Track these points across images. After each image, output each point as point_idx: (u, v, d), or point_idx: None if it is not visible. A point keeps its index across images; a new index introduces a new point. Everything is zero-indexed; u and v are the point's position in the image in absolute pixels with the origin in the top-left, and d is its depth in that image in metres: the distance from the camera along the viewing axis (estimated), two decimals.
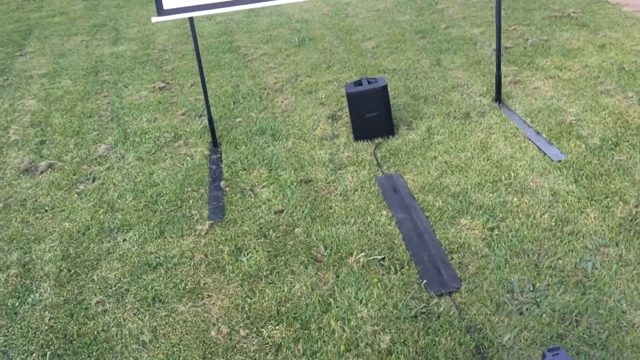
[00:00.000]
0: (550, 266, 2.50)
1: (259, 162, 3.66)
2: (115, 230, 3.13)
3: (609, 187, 2.96)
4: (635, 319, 2.19)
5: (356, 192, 3.23)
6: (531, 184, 3.08)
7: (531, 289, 2.40)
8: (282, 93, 4.70)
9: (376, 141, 3.73)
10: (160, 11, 3.51)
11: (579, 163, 3.19)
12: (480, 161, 3.35)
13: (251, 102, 4.59)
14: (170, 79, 5.34)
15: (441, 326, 2.28)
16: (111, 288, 2.71)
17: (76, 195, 3.53)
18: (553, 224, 2.75)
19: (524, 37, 5.22)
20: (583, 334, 2.17)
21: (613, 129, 3.49)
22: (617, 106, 3.74)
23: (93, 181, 3.67)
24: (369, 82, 3.79)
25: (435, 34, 5.63)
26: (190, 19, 3.66)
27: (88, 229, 3.17)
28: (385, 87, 3.73)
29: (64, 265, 2.91)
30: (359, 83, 3.82)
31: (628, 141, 3.33)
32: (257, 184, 3.43)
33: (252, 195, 3.33)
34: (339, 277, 2.61)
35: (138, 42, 6.61)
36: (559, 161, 3.23)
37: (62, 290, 2.74)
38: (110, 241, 3.05)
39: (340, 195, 3.23)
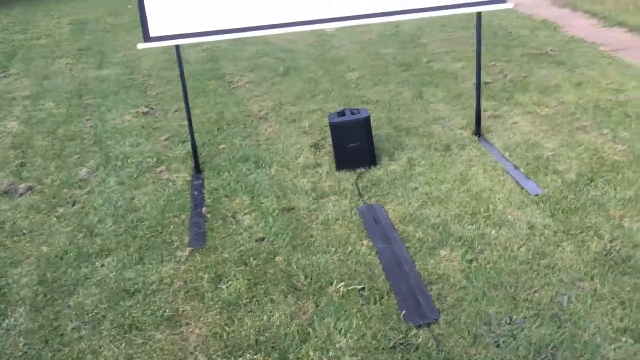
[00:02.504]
0: (527, 299, 2.53)
1: (242, 189, 3.67)
2: (94, 255, 3.11)
3: (584, 221, 3.02)
4: (610, 354, 2.22)
5: (337, 222, 3.25)
6: (509, 217, 3.13)
7: (508, 321, 2.43)
8: (266, 121, 4.74)
9: (358, 171, 3.77)
10: (147, 38, 3.55)
11: (555, 197, 3.26)
12: (460, 193, 3.40)
13: (235, 129, 4.62)
14: (154, 104, 5.35)
15: (419, 358, 2.29)
16: (88, 314, 2.67)
17: (55, 218, 3.50)
18: (530, 257, 2.79)
19: (503, 73, 5.34)
20: None
21: (588, 164, 3.57)
22: (592, 142, 3.84)
23: (73, 205, 3.65)
24: (352, 113, 3.85)
25: (418, 67, 5.74)
26: (177, 46, 3.70)
27: (66, 254, 3.13)
28: (367, 119, 3.79)
29: (40, 290, 2.87)
30: (342, 113, 3.87)
31: (603, 177, 3.41)
32: (239, 211, 3.44)
33: (234, 222, 3.33)
34: (318, 306, 2.61)
35: (123, 67, 6.64)
36: (536, 195, 3.29)
37: (37, 315, 2.70)
38: (88, 266, 3.02)
39: (321, 224, 3.25)
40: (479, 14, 3.91)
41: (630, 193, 3.23)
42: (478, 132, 4.12)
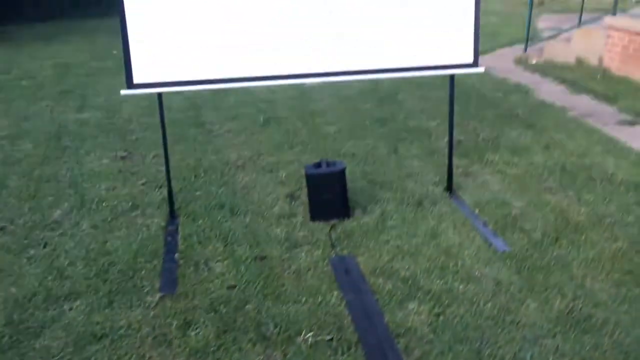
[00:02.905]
0: (491, 355, 2.58)
1: (215, 237, 3.70)
2: (63, 298, 3.08)
3: (548, 280, 3.10)
4: None
5: (309, 272, 3.29)
6: (476, 272, 3.20)
7: None
8: (243, 170, 4.81)
9: (332, 222, 3.83)
10: (130, 85, 3.64)
11: (521, 255, 3.35)
12: (430, 248, 3.48)
13: (212, 177, 4.68)
14: (133, 148, 5.40)
15: None
16: (53, 358, 2.64)
17: (26, 260, 3.48)
18: (495, 312, 2.86)
19: (476, 132, 5.53)
20: None
21: (554, 224, 3.69)
22: (558, 203, 3.97)
23: (44, 247, 3.63)
24: (328, 165, 3.94)
25: (394, 124, 5.91)
26: (159, 94, 3.79)
27: (35, 295, 3.11)
28: (343, 171, 3.88)
29: (6, 331, 2.83)
30: (318, 165, 3.96)
31: (567, 237, 3.52)
32: (211, 258, 3.46)
33: (206, 269, 3.35)
34: (286, 356, 2.62)
35: (104, 111, 6.70)
36: (503, 252, 3.38)
37: (2, 357, 2.66)
38: (56, 309, 3.00)
39: (293, 273, 3.28)
40: (452, 77, 4.08)
41: (592, 254, 3.34)
42: (450, 188, 4.24)
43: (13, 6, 14.17)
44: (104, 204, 4.21)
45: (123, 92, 3.69)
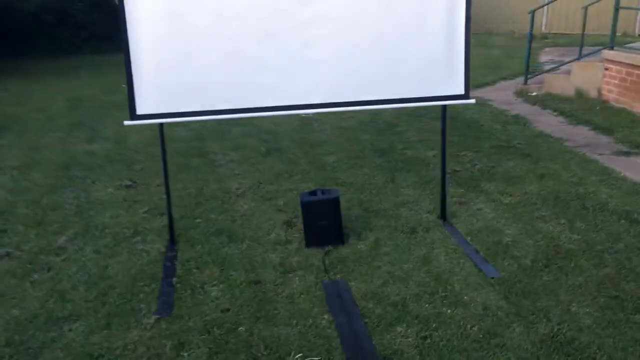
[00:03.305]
0: None
1: (213, 262, 3.80)
2: (63, 320, 3.19)
3: (535, 305, 3.17)
4: None
5: (302, 296, 3.38)
6: (465, 297, 3.28)
7: None
8: (243, 198, 4.94)
9: (326, 248, 3.93)
10: (133, 116, 3.80)
11: (510, 281, 3.42)
12: (420, 273, 3.56)
13: (213, 205, 4.80)
14: (138, 178, 5.56)
15: None
16: None
17: (29, 283, 3.60)
18: (481, 336, 2.92)
19: (472, 163, 5.64)
20: None
21: (545, 251, 3.76)
22: (550, 231, 4.05)
23: (48, 271, 3.75)
24: (323, 193, 4.06)
25: (393, 154, 6.04)
26: (161, 125, 3.95)
27: (36, 317, 3.22)
28: (337, 199, 4.00)
29: (6, 351, 2.93)
30: (313, 193, 4.08)
31: (557, 264, 3.59)
32: (208, 282, 3.56)
33: (202, 292, 3.45)
34: None
35: (112, 142, 6.89)
36: (493, 278, 3.46)
37: None
38: (56, 330, 3.10)
39: (286, 297, 3.37)
40: (444, 107, 4.22)
41: (580, 280, 3.40)
42: (443, 216, 4.34)
43: (29, 41, 14.61)
44: (107, 231, 4.34)
45: (126, 122, 3.85)
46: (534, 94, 8.82)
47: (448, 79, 4.08)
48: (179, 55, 3.77)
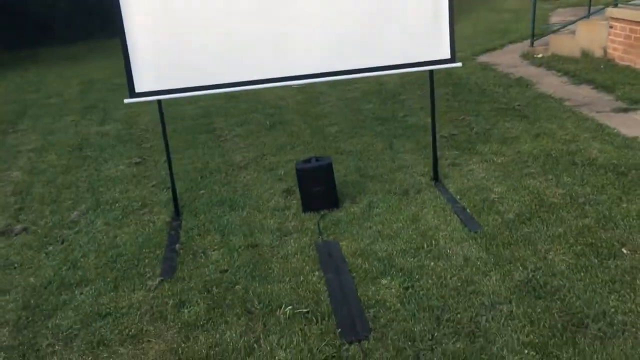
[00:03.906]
0: (450, 319, 2.83)
1: (214, 229, 4.04)
2: (74, 285, 3.46)
3: (513, 254, 3.34)
4: None
5: (296, 256, 3.59)
6: (448, 251, 3.46)
7: (430, 338, 2.72)
8: (246, 170, 5.16)
9: (322, 213, 4.13)
10: (132, 93, 4.02)
11: (492, 234, 3.58)
12: (409, 231, 3.74)
13: (217, 177, 5.03)
14: (147, 155, 5.81)
15: None
16: (62, 333, 3.01)
17: (44, 254, 3.88)
18: (459, 284, 3.11)
19: (470, 126, 5.75)
20: None
21: (529, 206, 3.91)
22: (537, 187, 4.18)
23: (62, 243, 4.03)
24: (317, 160, 4.25)
25: (393, 122, 6.18)
26: (159, 101, 4.16)
27: (50, 284, 3.50)
28: (330, 165, 4.18)
29: (23, 314, 3.22)
30: (308, 161, 4.27)
31: (539, 216, 3.74)
32: (209, 247, 3.80)
33: (203, 257, 3.69)
34: (266, 326, 2.93)
35: (123, 123, 7.16)
36: (476, 232, 3.62)
37: (18, 334, 3.04)
38: (68, 294, 3.38)
39: (281, 258, 3.59)
40: (431, 72, 4.34)
41: (560, 230, 3.55)
42: (436, 178, 4.49)
43: (44, 29, 14.94)
44: (116, 205, 4.60)
45: (126, 100, 4.07)
46: (540, 55, 8.82)
47: (434, 44, 4.19)
48: (172, 34, 3.96)
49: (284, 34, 4.06)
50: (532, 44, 9.44)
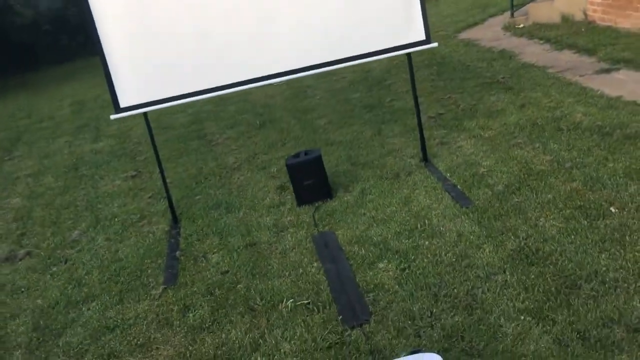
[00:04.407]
0: (447, 294, 2.90)
1: (212, 233, 4.11)
2: (81, 302, 3.54)
3: (505, 225, 3.40)
4: (509, 330, 2.57)
5: (294, 250, 3.66)
6: (442, 228, 3.52)
7: (429, 315, 2.79)
8: (239, 171, 5.22)
9: (316, 205, 4.19)
10: (117, 109, 4.08)
11: (483, 207, 3.64)
12: (402, 214, 3.80)
13: (211, 181, 5.10)
14: (142, 167, 5.88)
15: (349, 352, 2.65)
16: (73, 350, 3.09)
17: (49, 275, 3.96)
18: (454, 260, 3.17)
19: (456, 104, 5.80)
20: (465, 346, 2.54)
21: (518, 175, 3.96)
22: (524, 156, 4.23)
23: (65, 263, 4.11)
24: (306, 154, 4.31)
25: (381, 108, 6.23)
26: (145, 114, 4.22)
27: (57, 303, 3.57)
28: (319, 157, 4.24)
29: (34, 335, 3.30)
30: (297, 155, 4.33)
31: (528, 185, 3.80)
32: (208, 251, 3.87)
33: (204, 260, 3.76)
34: (269, 321, 3.00)
35: (116, 138, 7.22)
36: (467, 207, 3.68)
37: (31, 356, 3.12)
38: (75, 311, 3.45)
39: (279, 253, 3.66)
40: (409, 55, 4.39)
41: (549, 196, 3.60)
42: (425, 158, 4.55)
43: (31, 54, 15.01)
44: (116, 219, 4.67)
45: (112, 116, 4.13)
46: (521, 26, 8.84)
47: (409, 28, 4.24)
48: (150, 46, 4.02)
49: (261, 32, 4.11)
50: (512, 15, 9.45)
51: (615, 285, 2.72)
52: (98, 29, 3.90)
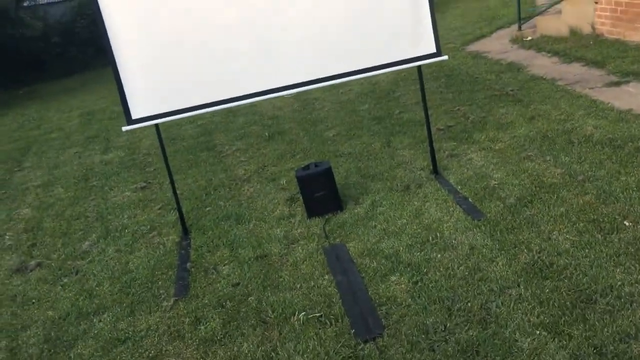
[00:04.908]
0: (461, 308, 2.88)
1: (223, 244, 4.10)
2: (92, 314, 3.54)
3: (518, 238, 3.38)
4: (524, 345, 2.55)
5: (305, 262, 3.65)
6: (454, 241, 3.50)
7: (443, 329, 2.77)
8: (249, 182, 5.22)
9: (326, 217, 4.18)
10: (129, 121, 4.10)
11: (496, 220, 3.63)
12: (413, 226, 3.79)
13: (221, 193, 5.10)
14: (151, 178, 5.89)
15: None
16: None
17: (60, 287, 3.96)
18: (467, 273, 3.15)
19: (465, 116, 5.80)
20: None
21: (529, 188, 3.95)
22: (535, 169, 4.22)
23: (76, 274, 4.11)
24: (316, 166, 4.31)
25: (389, 119, 6.23)
26: (157, 125, 4.24)
27: (68, 315, 3.57)
28: (329, 169, 4.24)
29: (45, 347, 3.29)
30: (307, 168, 4.34)
31: (540, 198, 3.78)
32: (219, 262, 3.86)
33: (215, 272, 3.75)
34: (281, 334, 2.99)
35: (126, 149, 7.25)
36: (480, 220, 3.67)
37: None
38: (87, 323, 3.45)
39: (290, 265, 3.65)
40: (419, 68, 4.40)
41: (561, 210, 3.59)
42: (435, 170, 4.54)
43: (40, 66, 15.13)
44: (126, 231, 4.68)
45: (124, 128, 4.15)
46: (529, 38, 8.85)
47: (419, 41, 4.25)
48: (161, 58, 4.04)
49: (271, 44, 4.13)
50: (519, 28, 9.46)
51: (631, 300, 2.70)
52: (111, 41, 3.93)
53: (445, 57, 4.31)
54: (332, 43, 4.19)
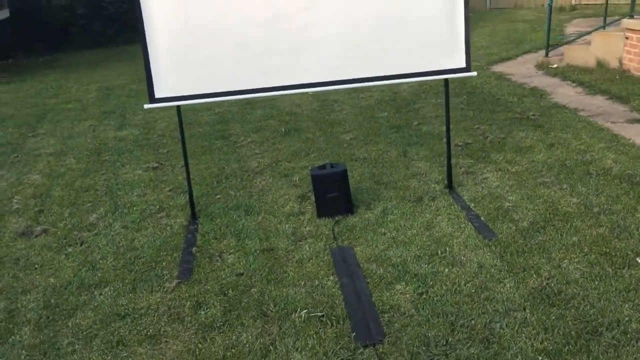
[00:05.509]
0: (464, 325, 2.86)
1: (230, 233, 4.09)
2: (94, 286, 3.53)
3: (527, 262, 3.36)
4: None
5: (311, 260, 3.64)
6: (462, 257, 3.48)
7: (444, 343, 2.75)
8: (261, 175, 5.22)
9: (336, 218, 4.17)
10: (152, 99, 4.10)
11: (507, 242, 3.61)
12: (423, 238, 3.77)
13: (232, 182, 5.09)
14: (164, 160, 5.89)
15: None
16: (82, 333, 3.07)
17: (64, 256, 3.96)
18: (473, 291, 3.13)
19: (484, 135, 5.77)
20: None
21: (543, 214, 3.92)
22: (551, 196, 4.20)
23: (81, 245, 4.11)
24: (332, 167, 4.30)
25: (408, 129, 6.22)
26: (178, 107, 4.24)
27: (70, 284, 3.57)
28: (344, 172, 4.23)
29: (44, 313, 3.29)
30: (322, 167, 4.32)
31: (554, 225, 3.76)
32: (225, 250, 3.85)
33: (220, 260, 3.74)
34: (281, 329, 2.97)
35: (141, 128, 7.25)
36: (490, 240, 3.65)
37: (39, 333, 3.11)
38: (87, 294, 3.44)
39: (296, 262, 3.64)
40: (446, 81, 4.38)
41: (574, 239, 3.56)
42: (450, 185, 4.52)
43: (63, 36, 15.18)
44: (134, 208, 4.67)
45: (146, 106, 4.15)
46: (555, 66, 8.82)
47: (450, 53, 4.23)
48: (190, 42, 4.04)
49: (300, 41, 4.12)
50: (546, 54, 9.44)
51: (637, 337, 2.68)
52: (144, 19, 3.93)
53: (474, 74, 4.29)
54: (360, 45, 4.16)
